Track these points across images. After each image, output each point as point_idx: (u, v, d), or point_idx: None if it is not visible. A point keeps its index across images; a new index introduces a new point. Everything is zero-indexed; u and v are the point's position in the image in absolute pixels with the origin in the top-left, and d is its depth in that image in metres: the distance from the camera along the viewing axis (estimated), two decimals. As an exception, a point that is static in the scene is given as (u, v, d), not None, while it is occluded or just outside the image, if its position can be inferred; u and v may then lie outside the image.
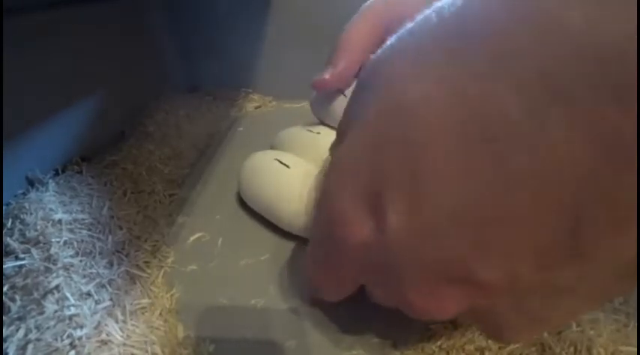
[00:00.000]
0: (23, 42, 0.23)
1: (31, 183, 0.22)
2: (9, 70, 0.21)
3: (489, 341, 0.16)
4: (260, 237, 0.22)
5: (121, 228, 0.22)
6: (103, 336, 0.16)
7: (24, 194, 0.22)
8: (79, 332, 0.15)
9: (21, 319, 0.15)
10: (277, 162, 0.21)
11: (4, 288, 0.16)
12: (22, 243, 0.17)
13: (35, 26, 0.24)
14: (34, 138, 0.23)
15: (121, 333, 0.16)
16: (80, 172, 0.24)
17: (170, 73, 0.39)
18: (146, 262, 0.20)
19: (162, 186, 0.26)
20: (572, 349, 0.14)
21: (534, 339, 0.15)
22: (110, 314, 0.16)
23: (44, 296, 0.15)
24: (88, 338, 0.15)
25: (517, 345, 0.15)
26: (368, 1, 0.23)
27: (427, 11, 0.09)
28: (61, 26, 0.26)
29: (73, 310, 0.15)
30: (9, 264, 0.16)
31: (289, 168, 0.21)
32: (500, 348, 0.15)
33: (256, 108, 0.41)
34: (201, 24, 0.39)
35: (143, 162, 0.27)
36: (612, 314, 0.16)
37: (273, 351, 0.16)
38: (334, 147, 0.15)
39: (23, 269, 0.16)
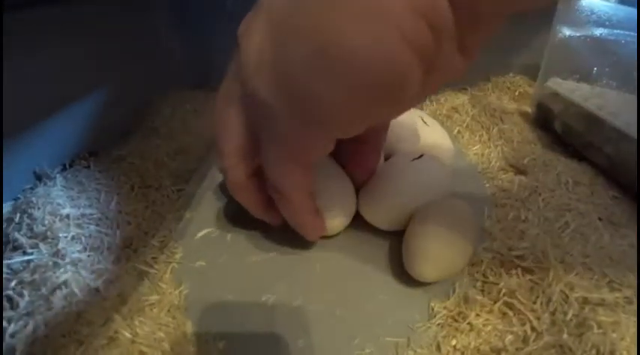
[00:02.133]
0: (31, 36, 0.22)
1: (38, 177, 0.22)
2: (17, 64, 0.20)
3: (506, 342, 0.15)
4: (269, 233, 0.22)
5: (129, 223, 0.21)
6: (111, 333, 0.15)
7: (32, 188, 0.22)
8: (86, 329, 0.15)
9: (29, 315, 0.15)
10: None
11: (12, 283, 0.15)
12: (30, 237, 0.17)
13: (45, 20, 0.23)
14: (41, 133, 0.23)
15: (129, 330, 0.16)
16: (88, 167, 0.24)
17: (177, 68, 0.38)
18: (154, 258, 0.20)
19: (169, 181, 0.26)
20: (594, 351, 0.14)
21: (553, 340, 0.14)
22: (118, 311, 0.16)
23: (52, 291, 0.15)
24: (96, 335, 0.15)
25: (535, 347, 0.14)
26: None
27: None
28: (70, 21, 0.26)
29: (81, 306, 0.15)
30: (17, 259, 0.16)
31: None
32: (517, 350, 0.15)
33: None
34: (208, 18, 0.38)
35: (150, 157, 0.27)
36: (634, 316, 0.15)
37: (283, 349, 0.16)
38: None
39: (31, 264, 0.16)
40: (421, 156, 0.21)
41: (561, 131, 0.29)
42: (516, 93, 0.35)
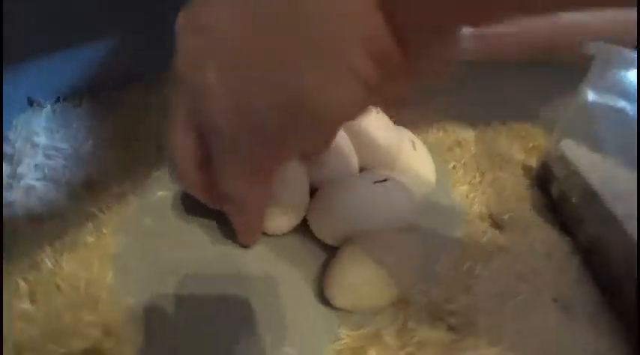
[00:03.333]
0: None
1: (31, 104, 0.24)
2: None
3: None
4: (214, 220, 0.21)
5: (98, 168, 0.22)
6: (37, 259, 0.16)
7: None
8: (15, 248, 0.15)
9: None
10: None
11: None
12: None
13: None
14: (43, 62, 0.23)
15: (53, 261, 0.17)
16: (80, 105, 0.25)
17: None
18: (108, 206, 0.21)
19: (156, 136, 0.26)
20: None
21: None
22: (50, 243, 0.17)
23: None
24: (21, 254, 0.16)
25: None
26: None
27: None
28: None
29: (17, 224, 0.16)
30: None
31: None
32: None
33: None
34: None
35: (146, 109, 0.27)
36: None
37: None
38: None
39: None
40: (385, 180, 0.20)
41: (557, 197, 0.27)
42: (529, 145, 0.33)
